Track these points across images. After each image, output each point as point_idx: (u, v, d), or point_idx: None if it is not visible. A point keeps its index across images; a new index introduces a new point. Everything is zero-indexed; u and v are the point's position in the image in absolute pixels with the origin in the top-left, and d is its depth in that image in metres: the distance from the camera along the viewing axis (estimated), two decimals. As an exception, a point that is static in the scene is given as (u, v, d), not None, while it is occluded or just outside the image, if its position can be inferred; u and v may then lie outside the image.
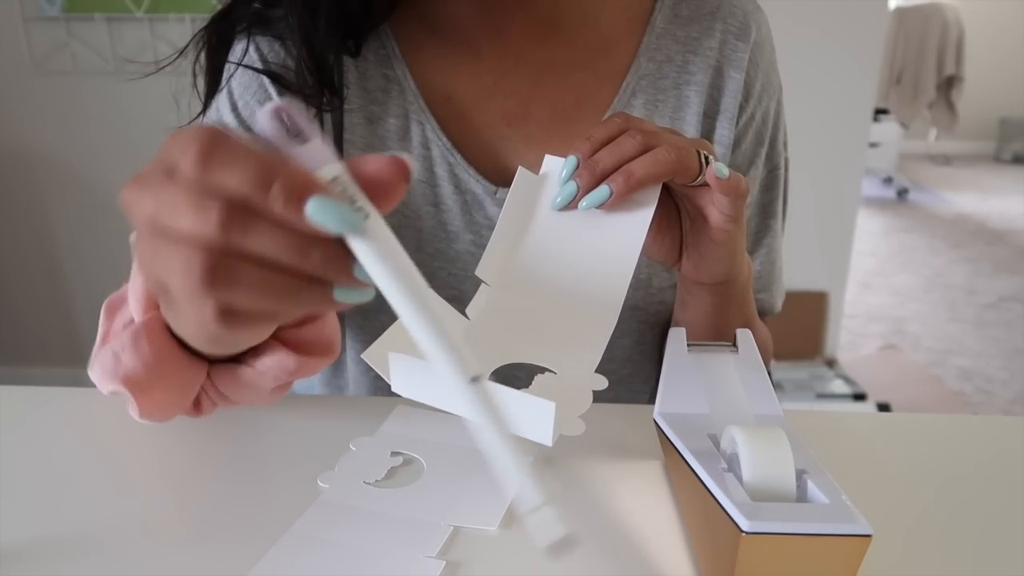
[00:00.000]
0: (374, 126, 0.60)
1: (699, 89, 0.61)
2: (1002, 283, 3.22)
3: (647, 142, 0.44)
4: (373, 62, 0.60)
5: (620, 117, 0.47)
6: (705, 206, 0.47)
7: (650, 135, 0.45)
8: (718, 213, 0.47)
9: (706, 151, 0.46)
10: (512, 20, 0.60)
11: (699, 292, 0.54)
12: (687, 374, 0.45)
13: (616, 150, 0.45)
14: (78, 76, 2.00)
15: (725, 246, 0.49)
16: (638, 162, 0.44)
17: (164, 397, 0.43)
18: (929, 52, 4.38)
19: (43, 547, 0.39)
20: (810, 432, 0.48)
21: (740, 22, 0.62)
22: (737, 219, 0.48)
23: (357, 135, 0.59)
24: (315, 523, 0.40)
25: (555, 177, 0.48)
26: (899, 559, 0.38)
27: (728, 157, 0.62)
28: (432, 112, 0.59)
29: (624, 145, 0.45)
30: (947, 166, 5.52)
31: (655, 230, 0.50)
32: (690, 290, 0.55)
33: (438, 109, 0.60)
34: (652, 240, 0.50)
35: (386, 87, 0.60)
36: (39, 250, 2.20)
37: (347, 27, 0.57)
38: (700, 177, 0.45)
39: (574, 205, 0.46)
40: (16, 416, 0.53)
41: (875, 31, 2.01)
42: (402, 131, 0.60)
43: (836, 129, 2.06)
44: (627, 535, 0.40)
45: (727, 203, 0.46)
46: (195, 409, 0.46)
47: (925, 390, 2.28)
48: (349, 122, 0.59)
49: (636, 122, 0.46)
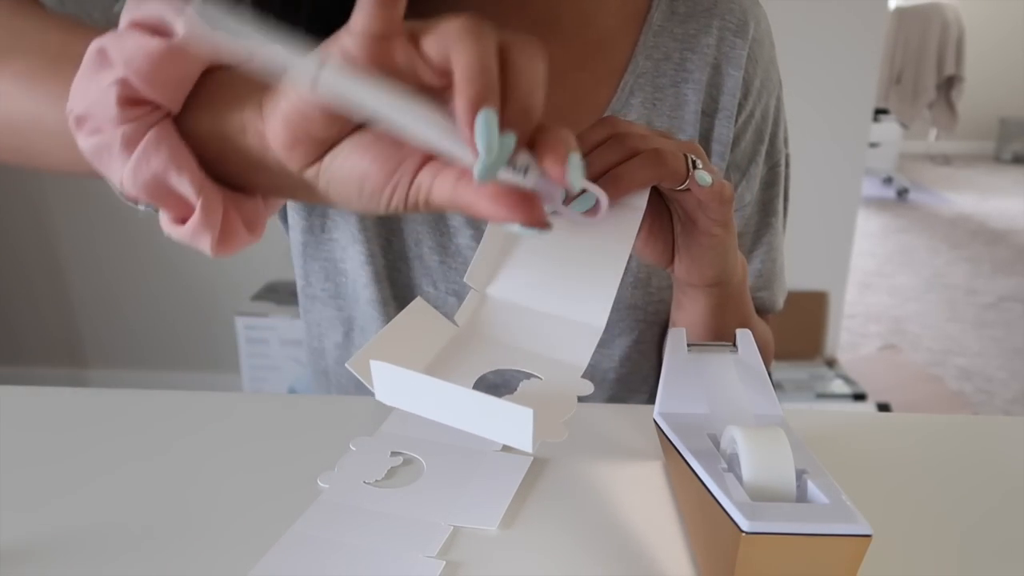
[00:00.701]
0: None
1: (697, 87, 0.61)
2: (1002, 283, 3.22)
3: (634, 146, 0.44)
4: None
5: (608, 121, 0.47)
6: (693, 211, 0.47)
7: (638, 139, 0.45)
8: (706, 218, 0.47)
9: (694, 154, 0.46)
10: (508, 21, 0.60)
11: (693, 294, 0.54)
12: (687, 374, 0.45)
13: (603, 155, 0.45)
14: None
15: (715, 249, 0.49)
16: (625, 166, 0.44)
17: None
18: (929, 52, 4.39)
19: (43, 547, 0.39)
20: (810, 432, 0.48)
21: (738, 19, 0.61)
22: (725, 223, 0.48)
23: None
24: (315, 523, 0.40)
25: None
26: (899, 559, 0.38)
27: (727, 155, 0.62)
28: None
29: (611, 150, 0.45)
30: (947, 166, 5.53)
31: (647, 233, 0.50)
32: (685, 292, 0.55)
33: None
34: (644, 243, 0.50)
35: None
36: (39, 250, 2.20)
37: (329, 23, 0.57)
38: (688, 181, 0.45)
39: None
40: (16, 416, 0.53)
41: (875, 31, 2.01)
42: None
43: (836, 129, 2.06)
44: (627, 535, 0.40)
45: (713, 209, 0.46)
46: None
47: (925, 390, 2.28)
48: None
49: (624, 126, 0.46)
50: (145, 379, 2.28)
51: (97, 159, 0.32)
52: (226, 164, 0.33)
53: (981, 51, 5.24)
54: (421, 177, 0.32)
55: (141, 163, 0.31)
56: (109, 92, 0.30)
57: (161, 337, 2.25)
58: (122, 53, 0.30)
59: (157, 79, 0.30)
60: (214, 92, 0.32)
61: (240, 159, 0.32)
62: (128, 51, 0.29)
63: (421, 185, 0.32)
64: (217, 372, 2.24)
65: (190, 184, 0.31)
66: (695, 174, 0.44)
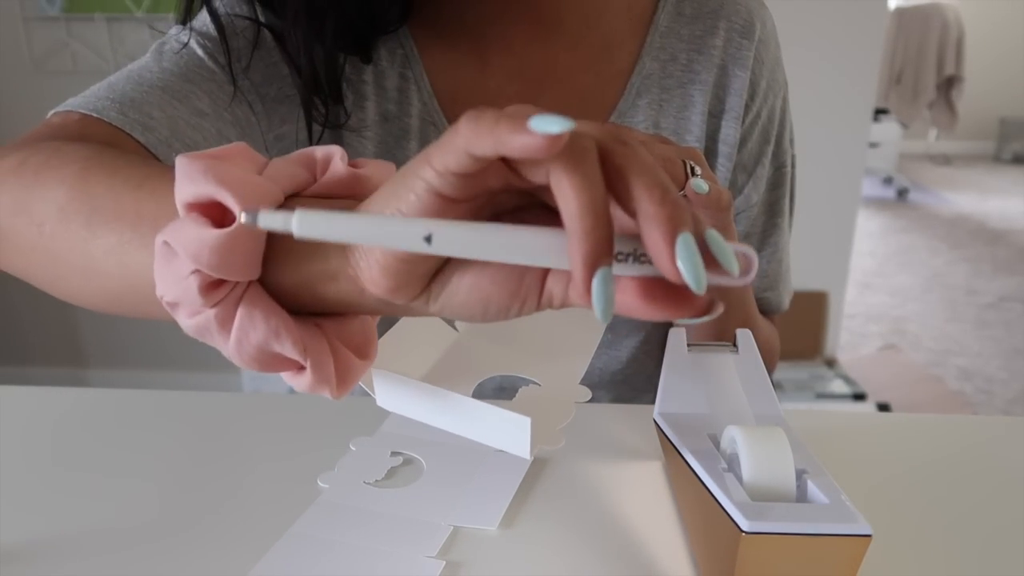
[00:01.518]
0: (389, 124, 0.60)
1: (704, 88, 0.61)
2: (1002, 283, 3.22)
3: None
4: (391, 61, 0.60)
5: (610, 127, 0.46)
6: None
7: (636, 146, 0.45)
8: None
9: (694, 161, 0.46)
10: (516, 24, 0.60)
11: None
12: (687, 374, 0.45)
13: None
14: (78, 76, 2.00)
15: None
16: None
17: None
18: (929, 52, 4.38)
19: (43, 547, 0.39)
20: (810, 432, 0.48)
21: (744, 20, 0.62)
22: (725, 229, 0.48)
23: (372, 132, 0.59)
24: (315, 523, 0.40)
25: None
26: (899, 559, 0.38)
27: (734, 156, 0.62)
28: (444, 115, 0.60)
29: None
30: (947, 166, 5.52)
31: None
32: None
33: (449, 111, 0.60)
34: None
35: (403, 87, 0.60)
36: (39, 250, 2.20)
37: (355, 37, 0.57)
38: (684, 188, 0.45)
39: None
40: (16, 416, 0.53)
41: (875, 31, 2.01)
42: (419, 131, 0.60)
43: (836, 129, 2.06)
44: (627, 535, 0.40)
45: (710, 215, 0.46)
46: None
47: (925, 390, 2.28)
48: (359, 119, 0.59)
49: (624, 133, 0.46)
50: (145, 379, 2.28)
51: (203, 338, 0.31)
52: (323, 306, 0.32)
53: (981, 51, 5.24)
54: (550, 286, 0.30)
55: (242, 340, 0.30)
56: (189, 283, 0.29)
57: (161, 337, 2.25)
58: (186, 249, 0.29)
59: (226, 265, 0.29)
60: (291, 244, 0.29)
61: (335, 302, 0.31)
62: (191, 247, 0.29)
63: (553, 294, 0.30)
64: (217, 372, 2.24)
65: (292, 347, 0.30)
66: (691, 182, 0.44)
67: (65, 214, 0.37)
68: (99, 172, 0.37)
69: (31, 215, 0.38)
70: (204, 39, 0.55)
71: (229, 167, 0.29)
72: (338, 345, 0.32)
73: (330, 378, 0.32)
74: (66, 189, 0.37)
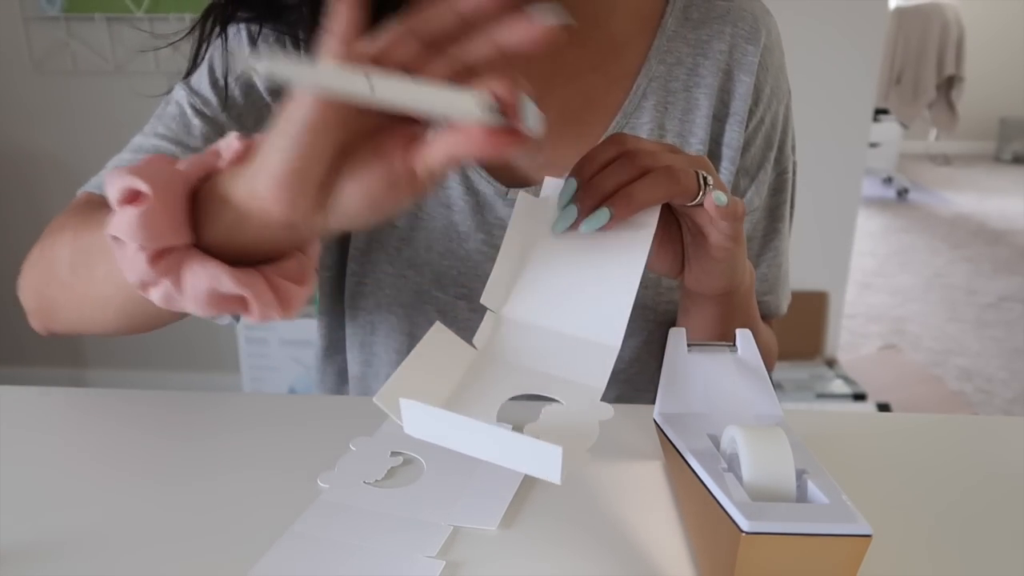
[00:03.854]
0: None
1: (709, 92, 0.61)
2: (1002, 283, 3.22)
3: (645, 164, 0.44)
4: None
5: (618, 138, 0.47)
6: (704, 226, 0.47)
7: (648, 156, 0.45)
8: (717, 233, 0.47)
9: (705, 171, 0.46)
10: None
11: (701, 302, 0.54)
12: (687, 374, 0.45)
13: (615, 173, 0.45)
14: (78, 76, 2.00)
15: (725, 262, 0.49)
16: (637, 185, 0.44)
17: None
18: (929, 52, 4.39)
19: (43, 547, 0.39)
20: (810, 432, 0.48)
21: (750, 26, 0.62)
22: (736, 237, 0.48)
23: None
24: (315, 523, 0.40)
25: (555, 200, 0.48)
26: (899, 559, 0.38)
27: (737, 160, 0.62)
28: None
29: (623, 168, 0.45)
30: (947, 166, 5.53)
31: (657, 244, 0.50)
32: (693, 300, 0.55)
33: None
34: (655, 255, 0.51)
35: None
36: (39, 250, 2.19)
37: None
38: (700, 197, 0.45)
39: (575, 228, 0.46)
40: (16, 416, 0.53)
41: (875, 31, 2.01)
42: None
43: (836, 129, 2.06)
44: (627, 535, 0.40)
45: (726, 225, 0.46)
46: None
47: (925, 390, 2.28)
48: None
49: (634, 142, 0.46)
50: (145, 379, 2.28)
51: (171, 305, 0.38)
52: (254, 252, 0.37)
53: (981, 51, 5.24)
54: (413, 161, 0.34)
55: (194, 291, 0.36)
56: (139, 259, 0.36)
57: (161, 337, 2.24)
58: (123, 232, 0.35)
59: (155, 233, 0.35)
60: (206, 208, 0.37)
61: (258, 242, 0.37)
62: (124, 229, 0.35)
63: (417, 165, 0.34)
64: (217, 372, 2.24)
65: (233, 284, 0.36)
66: (713, 195, 0.45)
67: (72, 266, 0.47)
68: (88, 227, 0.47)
69: (58, 279, 0.49)
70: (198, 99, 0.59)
71: (142, 165, 0.36)
72: (275, 278, 0.38)
73: (271, 303, 0.37)
74: (68, 249, 0.48)
